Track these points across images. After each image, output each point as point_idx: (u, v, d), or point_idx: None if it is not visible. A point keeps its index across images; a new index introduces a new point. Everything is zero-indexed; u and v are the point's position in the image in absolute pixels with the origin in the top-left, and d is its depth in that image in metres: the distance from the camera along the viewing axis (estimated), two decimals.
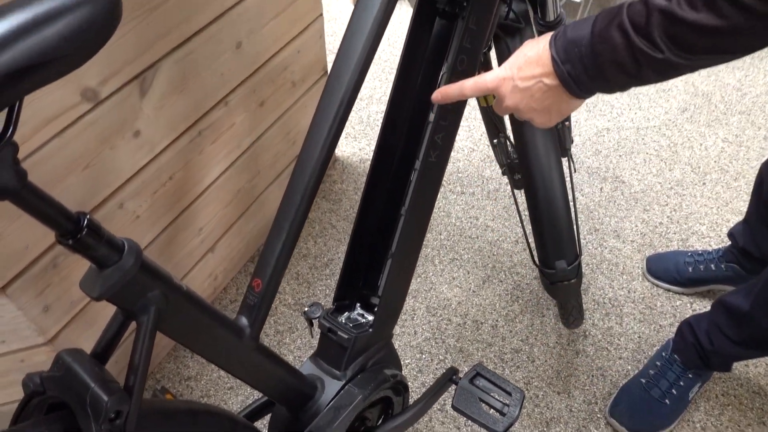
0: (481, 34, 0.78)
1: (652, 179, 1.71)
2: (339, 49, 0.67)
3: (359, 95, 1.97)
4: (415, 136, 0.84)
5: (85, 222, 0.47)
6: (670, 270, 1.44)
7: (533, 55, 0.62)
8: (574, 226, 0.93)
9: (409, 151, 0.85)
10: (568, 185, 0.96)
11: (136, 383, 0.53)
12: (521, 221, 0.98)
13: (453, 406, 0.91)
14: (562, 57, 0.59)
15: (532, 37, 0.93)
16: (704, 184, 1.70)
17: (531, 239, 1.03)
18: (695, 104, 1.95)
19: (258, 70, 1.25)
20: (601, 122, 1.89)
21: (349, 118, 1.88)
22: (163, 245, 1.17)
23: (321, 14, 1.40)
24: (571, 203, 0.94)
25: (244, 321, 0.69)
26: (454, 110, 0.80)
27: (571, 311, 1.14)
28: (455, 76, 0.78)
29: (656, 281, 1.46)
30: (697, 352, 1.17)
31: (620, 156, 1.78)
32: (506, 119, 1.04)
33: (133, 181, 1.02)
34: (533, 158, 0.93)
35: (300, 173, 0.68)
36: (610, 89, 0.60)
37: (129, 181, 1.02)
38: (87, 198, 0.95)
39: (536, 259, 0.96)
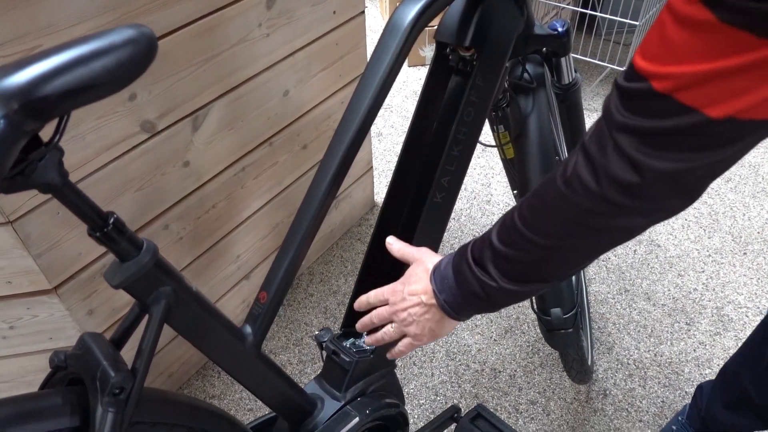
0: (488, 89, 0.86)
1: (689, 245, 1.69)
2: (350, 101, 0.76)
3: (398, 147, 2.08)
4: (425, 180, 0.91)
5: (112, 220, 0.56)
6: None
7: (421, 275, 0.69)
8: (574, 277, 0.96)
9: (420, 191, 0.93)
10: None
11: (141, 366, 0.61)
12: None
13: None
14: (439, 287, 0.66)
15: (545, 98, 1.00)
16: (745, 254, 1.66)
17: None
18: (741, 174, 1.92)
19: (303, 116, 1.37)
20: None
21: (386, 170, 1.98)
22: (201, 267, 1.28)
23: None
24: None
25: (248, 329, 0.77)
26: (459, 158, 0.87)
27: (572, 364, 1.14)
28: (462, 125, 0.86)
29: None
30: (700, 419, 1.13)
31: None
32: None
33: (179, 205, 1.15)
34: None
35: (307, 205, 0.76)
36: (482, 311, 0.66)
37: (175, 205, 1.14)
38: (137, 216, 1.07)
39: (534, 304, 0.99)
